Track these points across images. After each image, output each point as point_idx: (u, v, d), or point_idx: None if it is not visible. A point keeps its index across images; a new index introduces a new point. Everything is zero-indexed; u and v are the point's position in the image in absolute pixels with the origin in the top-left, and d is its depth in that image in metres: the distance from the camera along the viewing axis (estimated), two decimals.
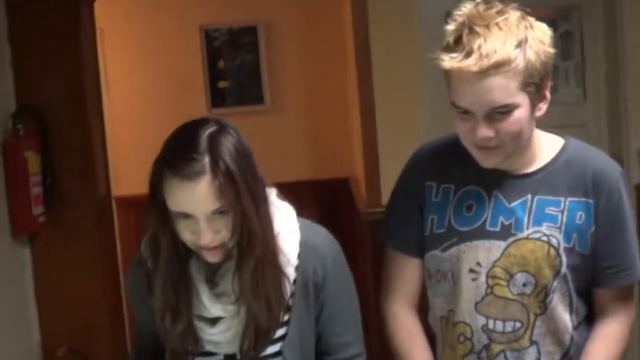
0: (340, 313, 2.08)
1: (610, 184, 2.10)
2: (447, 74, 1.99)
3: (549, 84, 2.05)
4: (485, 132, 1.98)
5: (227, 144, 1.88)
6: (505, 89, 1.94)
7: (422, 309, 2.28)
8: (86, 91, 4.20)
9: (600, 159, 2.15)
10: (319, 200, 5.78)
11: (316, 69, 5.91)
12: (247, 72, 5.91)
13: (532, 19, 2.01)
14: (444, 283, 2.17)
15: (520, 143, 2.03)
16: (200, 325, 2.00)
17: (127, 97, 5.91)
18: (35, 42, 4.05)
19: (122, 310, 4.54)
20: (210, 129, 1.89)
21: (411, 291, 2.25)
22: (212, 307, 1.98)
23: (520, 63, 1.94)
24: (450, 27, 2.00)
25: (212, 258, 1.94)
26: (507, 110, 1.96)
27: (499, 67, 1.92)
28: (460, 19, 1.99)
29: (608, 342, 2.15)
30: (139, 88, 5.92)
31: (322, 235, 2.10)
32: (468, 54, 1.92)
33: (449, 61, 1.95)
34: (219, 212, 1.86)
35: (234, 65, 5.91)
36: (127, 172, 5.84)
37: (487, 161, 2.06)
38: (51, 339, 4.19)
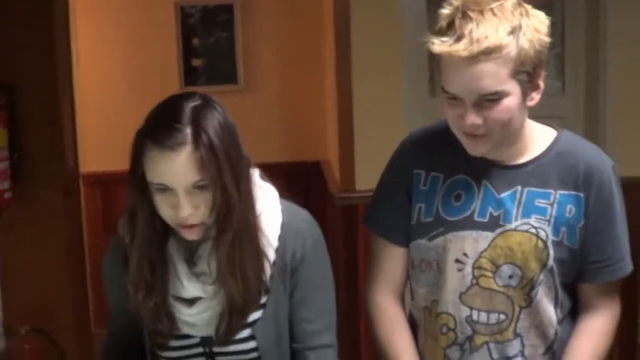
0: (313, 298, 2.05)
1: (602, 177, 2.07)
2: (438, 58, 1.96)
3: (543, 73, 2.01)
4: (473, 119, 1.95)
5: (211, 118, 1.87)
6: (495, 76, 1.91)
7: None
8: (57, 65, 4.14)
9: (592, 153, 2.12)
10: (290, 183, 5.70)
11: (292, 50, 5.82)
12: (221, 50, 5.81)
13: (528, 7, 1.97)
14: (428, 273, 2.14)
15: (509, 132, 2.00)
16: (177, 305, 1.97)
17: (97, 73, 5.79)
18: (4, 15, 3.97)
19: (86, 289, 4.49)
20: (195, 102, 1.89)
21: (395, 280, 2.22)
22: (190, 286, 1.96)
23: (512, 50, 1.90)
24: (445, 11, 1.96)
25: (190, 235, 1.91)
26: (496, 97, 1.93)
27: (489, 53, 1.89)
28: (455, 3, 1.95)
29: (593, 337, 2.13)
30: (109, 64, 5.80)
31: (304, 218, 2.08)
32: (459, 39, 1.90)
33: (439, 45, 1.92)
34: (199, 186, 1.84)
35: (208, 43, 5.81)
36: (95, 149, 5.76)
37: (475, 149, 2.03)
38: (14, 317, 4.13)
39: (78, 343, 4.25)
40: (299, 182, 5.75)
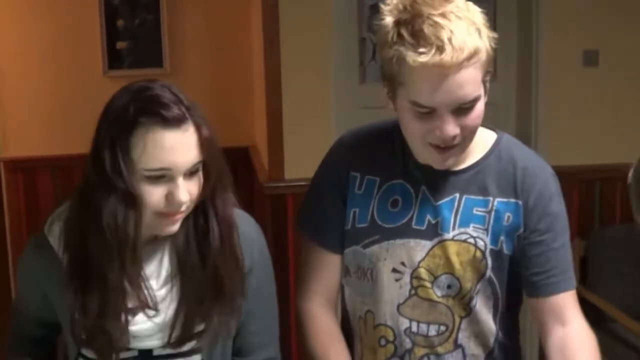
0: (259, 311, 1.96)
1: (541, 184, 1.99)
2: (405, 72, 1.82)
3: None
4: (453, 129, 1.85)
5: (187, 98, 1.77)
6: (474, 80, 1.83)
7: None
8: None
9: (531, 159, 2.04)
10: None
11: (220, 33, 5.73)
12: (146, 33, 5.68)
13: (469, 3, 1.87)
14: (363, 281, 2.05)
15: (473, 138, 1.93)
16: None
17: (17, 56, 5.63)
18: None
19: (8, 277, 4.33)
20: (164, 86, 1.76)
21: (330, 290, 2.12)
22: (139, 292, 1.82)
23: (484, 52, 1.83)
24: (389, 19, 1.84)
25: (174, 227, 1.79)
26: (472, 104, 1.85)
27: (471, 58, 1.80)
28: (400, 9, 1.83)
29: (589, 354, 1.96)
30: (29, 47, 5.63)
31: (250, 222, 1.97)
32: (440, 48, 1.77)
33: (420, 58, 1.78)
34: (194, 170, 1.73)
35: (133, 25, 5.68)
36: (16, 134, 5.61)
37: (446, 162, 1.93)
38: None
39: None
40: None
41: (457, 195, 1.99)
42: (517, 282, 2.02)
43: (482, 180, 1.99)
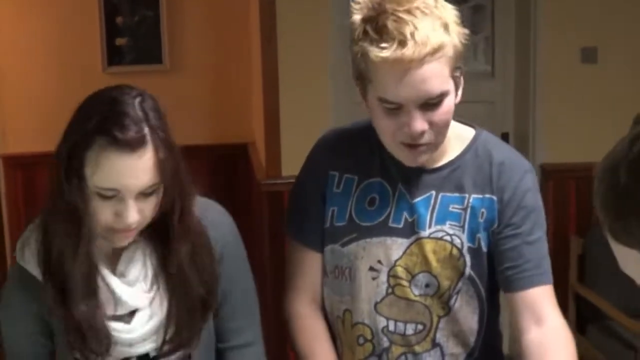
0: (235, 295, 1.96)
1: (515, 180, 1.96)
2: (370, 68, 1.82)
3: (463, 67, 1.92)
4: (421, 125, 1.83)
5: (156, 112, 1.72)
6: (440, 75, 1.81)
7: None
8: None
9: (507, 154, 2.02)
10: (215, 166, 5.64)
11: (219, 29, 5.72)
12: (146, 29, 5.68)
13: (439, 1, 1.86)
14: (341, 280, 2.04)
15: (445, 135, 1.91)
16: (113, 326, 1.82)
17: (17, 52, 5.63)
18: None
19: (5, 271, 4.31)
20: (137, 97, 1.71)
21: (315, 288, 2.10)
22: (129, 298, 1.82)
23: (450, 47, 1.81)
24: (357, 16, 1.84)
25: (125, 241, 1.78)
26: (440, 99, 1.83)
27: (435, 52, 1.79)
28: (369, 6, 1.83)
29: (566, 353, 1.93)
30: (28, 43, 5.63)
31: (219, 210, 1.98)
32: (402, 43, 1.77)
33: (383, 52, 1.78)
34: (148, 192, 1.70)
35: (132, 22, 5.67)
36: (15, 130, 5.61)
37: (417, 159, 1.92)
38: None
39: None
40: (224, 165, 5.67)
41: (434, 192, 1.98)
42: (502, 284, 2.00)
43: (458, 177, 1.98)
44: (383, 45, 1.78)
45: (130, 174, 1.67)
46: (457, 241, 1.96)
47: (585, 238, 4.39)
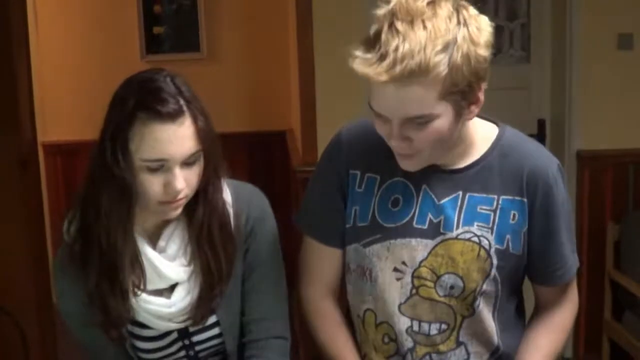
0: (261, 270, 2.01)
1: (548, 182, 1.96)
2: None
3: (484, 86, 1.82)
4: (397, 142, 1.82)
5: (187, 88, 1.84)
6: (421, 100, 1.73)
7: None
8: (11, 30, 4.00)
9: (537, 155, 1.99)
10: (253, 154, 5.67)
11: (256, 17, 5.74)
12: (183, 18, 5.72)
13: (468, 14, 1.77)
14: (362, 280, 2.03)
15: (440, 148, 1.86)
16: (154, 301, 1.91)
17: (57, 39, 5.70)
18: None
19: (47, 265, 4.38)
20: (167, 76, 1.83)
21: (331, 281, 2.10)
22: (170, 272, 1.91)
23: (442, 70, 1.70)
24: (379, 12, 1.76)
25: (175, 212, 1.87)
26: (423, 121, 1.77)
27: (413, 75, 1.69)
28: (389, 7, 1.75)
29: (553, 332, 2.08)
30: (69, 30, 5.71)
31: (252, 189, 2.05)
32: (382, 57, 1.69)
33: (360, 63, 1.72)
34: (191, 160, 1.80)
35: (170, 10, 5.72)
36: (56, 117, 5.67)
37: (406, 166, 1.91)
38: None
39: (38, 320, 4.16)
40: (261, 152, 5.70)
41: (460, 193, 1.95)
42: (518, 280, 2.06)
43: (485, 177, 1.95)
44: (367, 55, 1.72)
45: (174, 142, 1.77)
46: (484, 242, 1.95)
47: (621, 224, 4.38)
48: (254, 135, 5.71)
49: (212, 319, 1.99)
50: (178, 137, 1.77)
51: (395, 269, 1.97)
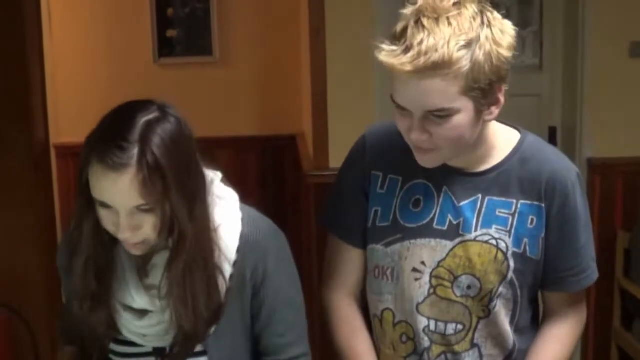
0: (282, 312, 1.98)
1: (566, 188, 1.98)
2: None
3: (504, 87, 1.88)
4: (417, 135, 1.85)
5: (163, 134, 1.75)
6: (442, 92, 1.78)
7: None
8: (25, 33, 4.01)
9: (556, 161, 2.02)
10: (264, 158, 5.68)
11: (269, 21, 5.76)
12: (196, 21, 5.74)
13: (492, 16, 1.83)
14: (381, 280, 2.07)
15: (460, 147, 1.90)
16: (126, 315, 1.90)
17: (71, 42, 5.72)
18: None
19: (55, 264, 4.39)
20: (149, 115, 1.76)
21: (353, 283, 2.14)
22: (139, 298, 1.88)
23: (464, 65, 1.76)
24: (406, 11, 1.84)
25: (134, 251, 1.85)
26: (444, 115, 1.81)
27: (436, 68, 1.75)
28: (415, 6, 1.82)
29: (557, 344, 2.09)
30: (82, 33, 5.72)
31: (265, 228, 1.97)
32: (407, 49, 1.76)
33: (386, 55, 1.79)
34: (142, 209, 1.75)
35: (183, 13, 5.73)
36: (68, 119, 5.69)
37: (424, 162, 1.94)
38: None
39: (47, 319, 4.18)
40: (274, 157, 5.71)
41: (480, 196, 1.99)
42: (536, 288, 2.07)
43: (505, 182, 1.98)
44: (393, 47, 1.79)
45: (114, 192, 1.73)
46: (502, 245, 1.97)
47: (632, 232, 4.37)
48: (265, 139, 5.71)
49: (198, 347, 1.94)
50: (119, 188, 1.72)
51: (414, 269, 2.01)
